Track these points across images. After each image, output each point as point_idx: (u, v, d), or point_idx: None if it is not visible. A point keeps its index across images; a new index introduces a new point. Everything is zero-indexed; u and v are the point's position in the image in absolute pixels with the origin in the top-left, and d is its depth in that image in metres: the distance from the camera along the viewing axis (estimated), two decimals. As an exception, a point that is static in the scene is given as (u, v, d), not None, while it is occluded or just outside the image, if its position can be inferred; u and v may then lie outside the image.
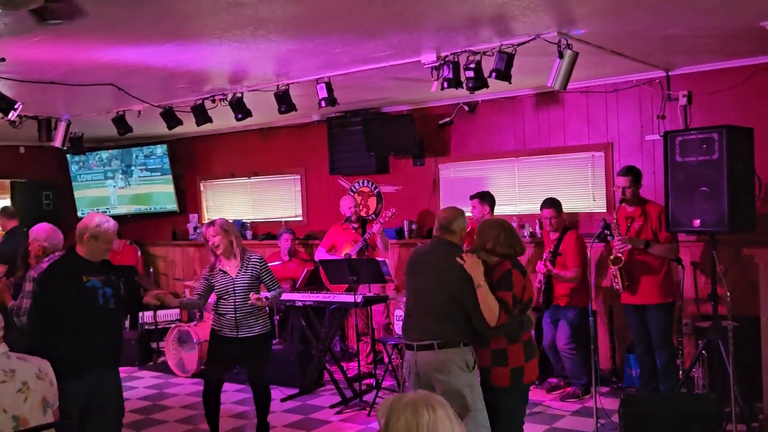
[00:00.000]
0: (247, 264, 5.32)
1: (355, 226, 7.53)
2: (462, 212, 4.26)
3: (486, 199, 6.76)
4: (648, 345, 5.83)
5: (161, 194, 9.97)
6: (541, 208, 6.48)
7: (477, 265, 3.90)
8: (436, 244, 4.24)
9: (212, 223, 5.39)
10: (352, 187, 8.54)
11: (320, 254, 7.55)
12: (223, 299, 5.30)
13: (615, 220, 5.76)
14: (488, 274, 3.96)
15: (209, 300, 5.46)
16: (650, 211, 5.76)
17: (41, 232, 5.14)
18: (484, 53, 5.06)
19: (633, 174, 5.81)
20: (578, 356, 6.29)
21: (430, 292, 4.08)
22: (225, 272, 5.31)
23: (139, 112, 6.99)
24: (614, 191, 6.61)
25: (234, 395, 6.87)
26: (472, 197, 6.81)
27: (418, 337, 4.04)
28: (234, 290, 5.25)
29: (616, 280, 5.78)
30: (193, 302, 5.54)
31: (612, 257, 5.74)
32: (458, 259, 3.95)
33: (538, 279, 6.50)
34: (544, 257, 6.39)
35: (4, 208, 8.17)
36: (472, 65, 5.08)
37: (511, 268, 4.00)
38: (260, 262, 5.37)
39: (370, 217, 8.12)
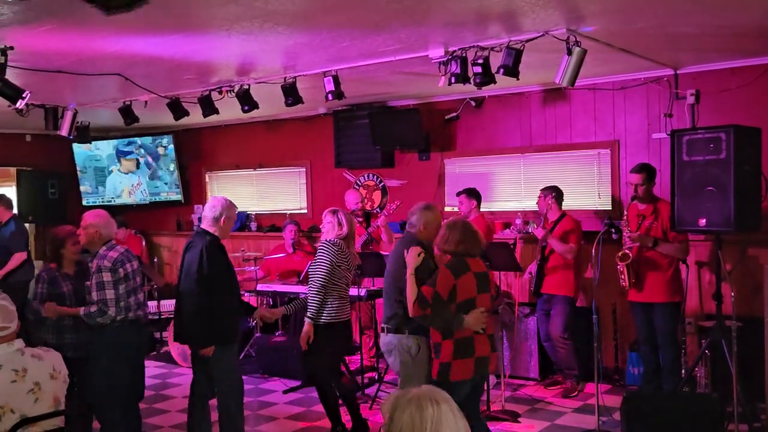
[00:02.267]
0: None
1: (360, 219, 7.53)
2: (426, 206, 4.63)
3: (473, 194, 6.86)
4: (653, 343, 5.82)
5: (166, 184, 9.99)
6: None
7: (413, 256, 4.32)
8: (402, 235, 4.75)
9: (335, 211, 5.29)
10: (357, 181, 8.53)
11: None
12: None
13: (626, 217, 5.74)
14: (432, 270, 4.33)
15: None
16: (662, 210, 5.71)
17: (101, 218, 4.79)
18: (492, 49, 5.05)
19: (647, 171, 5.77)
20: (571, 347, 6.34)
21: (387, 278, 4.63)
22: None
23: (146, 102, 6.99)
24: (623, 188, 6.60)
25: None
26: (459, 193, 6.94)
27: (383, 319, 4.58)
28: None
29: (622, 276, 5.76)
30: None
31: (620, 254, 5.72)
32: (405, 251, 4.39)
33: (529, 270, 6.53)
34: (542, 223, 6.42)
35: (2, 197, 7.98)
36: (480, 61, 5.07)
37: (444, 266, 4.26)
38: (316, 250, 5.25)
39: (375, 211, 8.12)
